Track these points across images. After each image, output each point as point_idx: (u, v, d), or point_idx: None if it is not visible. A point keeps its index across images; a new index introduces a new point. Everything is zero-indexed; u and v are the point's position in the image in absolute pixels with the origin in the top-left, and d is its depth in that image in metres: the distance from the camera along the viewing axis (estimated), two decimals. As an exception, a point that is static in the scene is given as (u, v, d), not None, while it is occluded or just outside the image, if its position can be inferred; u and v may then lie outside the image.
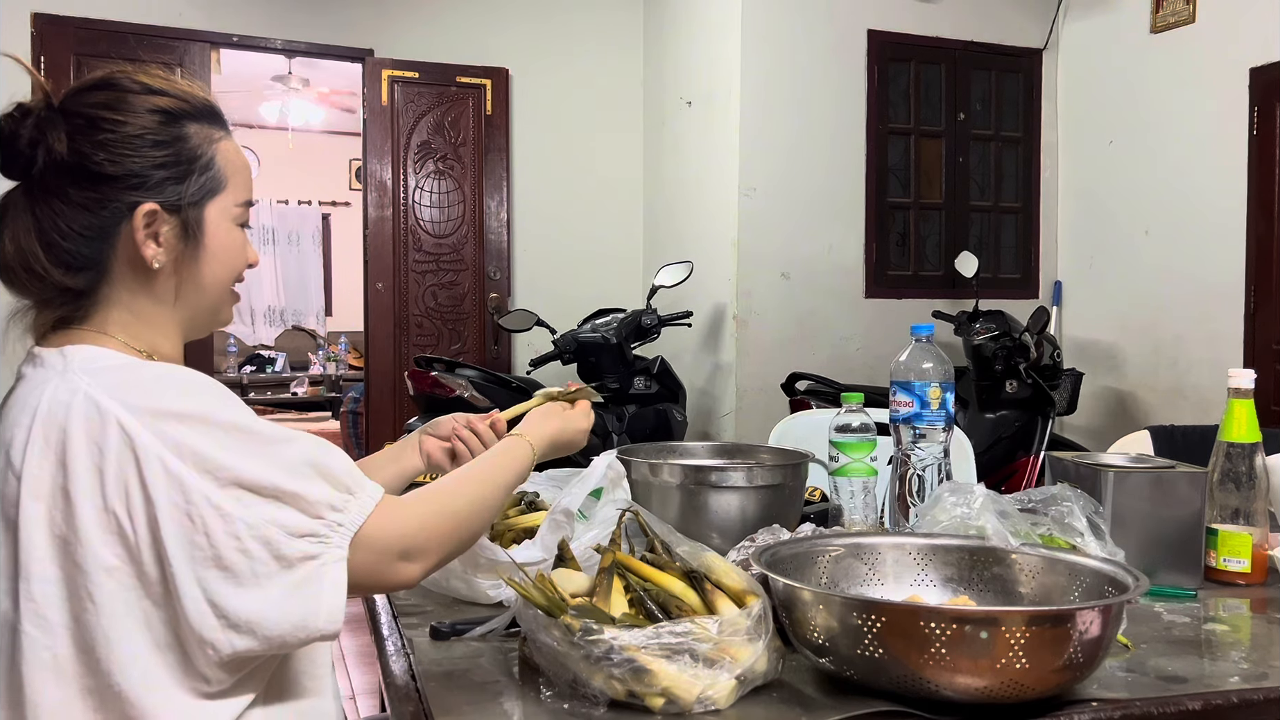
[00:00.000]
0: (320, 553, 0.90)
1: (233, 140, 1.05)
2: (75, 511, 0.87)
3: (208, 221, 1.01)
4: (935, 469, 1.43)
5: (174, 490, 0.86)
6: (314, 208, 9.18)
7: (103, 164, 0.95)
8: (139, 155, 0.96)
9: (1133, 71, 4.47)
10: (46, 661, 0.88)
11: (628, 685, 0.90)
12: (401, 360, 4.84)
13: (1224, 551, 1.38)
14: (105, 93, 0.98)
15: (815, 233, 4.45)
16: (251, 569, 0.87)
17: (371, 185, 4.88)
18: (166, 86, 1.00)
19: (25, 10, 4.29)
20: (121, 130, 0.96)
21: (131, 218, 0.96)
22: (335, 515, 0.92)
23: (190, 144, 0.99)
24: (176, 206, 0.98)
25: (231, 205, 1.03)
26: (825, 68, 4.46)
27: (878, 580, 1.13)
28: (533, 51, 5.06)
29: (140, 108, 0.97)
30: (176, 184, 0.98)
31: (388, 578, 0.96)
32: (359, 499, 0.94)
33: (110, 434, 0.87)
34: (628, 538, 1.10)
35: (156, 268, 0.98)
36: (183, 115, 0.99)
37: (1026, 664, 0.87)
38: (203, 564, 0.86)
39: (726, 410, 4.40)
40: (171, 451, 0.87)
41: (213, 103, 1.04)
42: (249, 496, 0.88)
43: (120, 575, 0.87)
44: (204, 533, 0.86)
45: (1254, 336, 3.98)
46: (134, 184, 0.96)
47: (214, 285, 1.04)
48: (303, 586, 0.89)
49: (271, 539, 0.88)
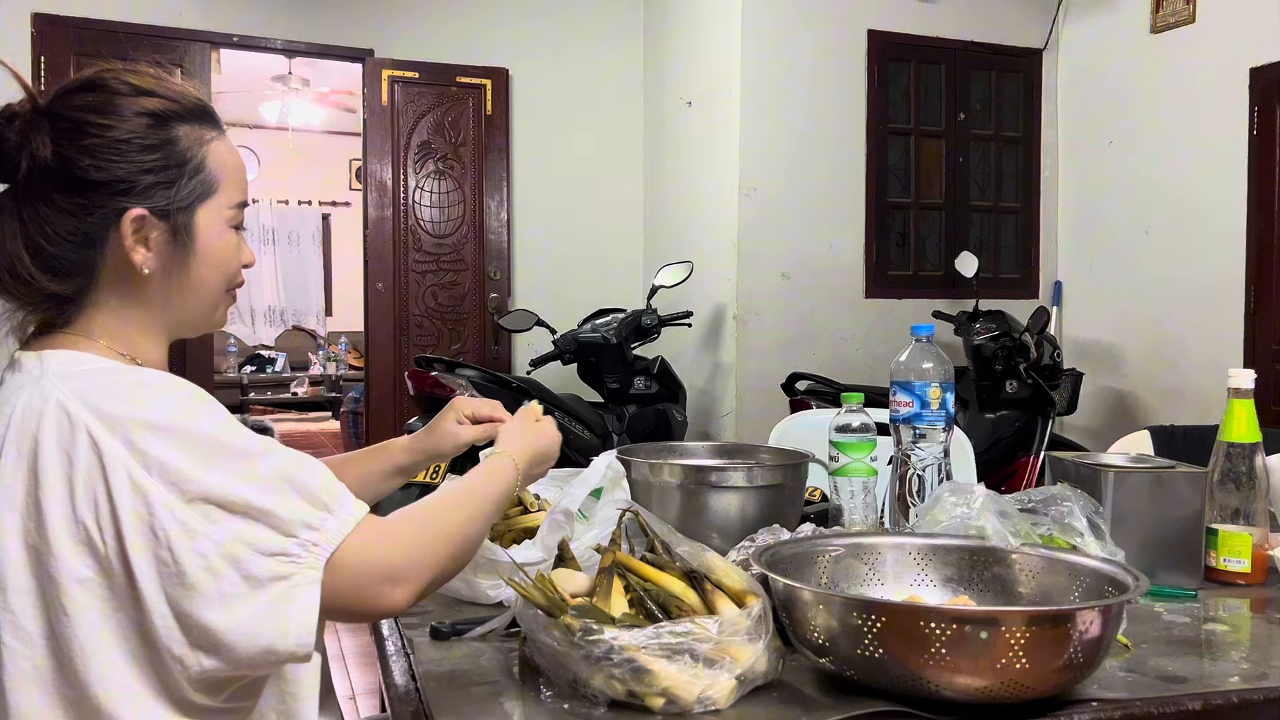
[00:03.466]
0: (291, 573, 0.86)
1: (226, 140, 1.02)
2: (46, 522, 0.85)
3: (199, 225, 0.98)
4: (935, 469, 1.43)
5: (139, 502, 0.84)
6: (314, 208, 9.19)
7: (88, 170, 0.93)
8: (126, 160, 0.94)
9: (1133, 72, 4.47)
10: (28, 672, 0.86)
11: (628, 685, 0.90)
12: (402, 360, 4.84)
13: (1224, 551, 1.38)
14: (92, 95, 0.95)
15: (815, 233, 4.45)
16: (218, 588, 0.84)
17: (371, 185, 4.88)
18: (156, 87, 0.98)
19: (25, 10, 4.29)
20: (108, 135, 0.94)
21: (119, 224, 0.94)
22: (309, 534, 0.87)
23: (179, 147, 0.97)
24: (166, 211, 0.96)
25: (224, 207, 1.00)
26: (825, 68, 4.46)
27: (878, 580, 1.13)
28: (533, 51, 5.06)
29: (128, 110, 0.95)
30: (166, 189, 0.95)
31: (371, 603, 0.90)
32: (337, 517, 0.89)
33: (80, 443, 0.85)
34: (628, 538, 1.10)
35: (146, 273, 0.96)
36: (172, 117, 0.97)
37: (1026, 664, 0.87)
38: (168, 580, 0.84)
39: (726, 410, 4.40)
40: (139, 462, 0.84)
41: (204, 102, 1.02)
42: (217, 512, 0.85)
43: (93, 587, 0.85)
44: (168, 548, 0.84)
45: (1254, 336, 3.98)
46: (121, 189, 0.94)
47: (206, 289, 1.01)
48: (272, 608, 0.85)
49: (240, 558, 0.84)
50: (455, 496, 1.03)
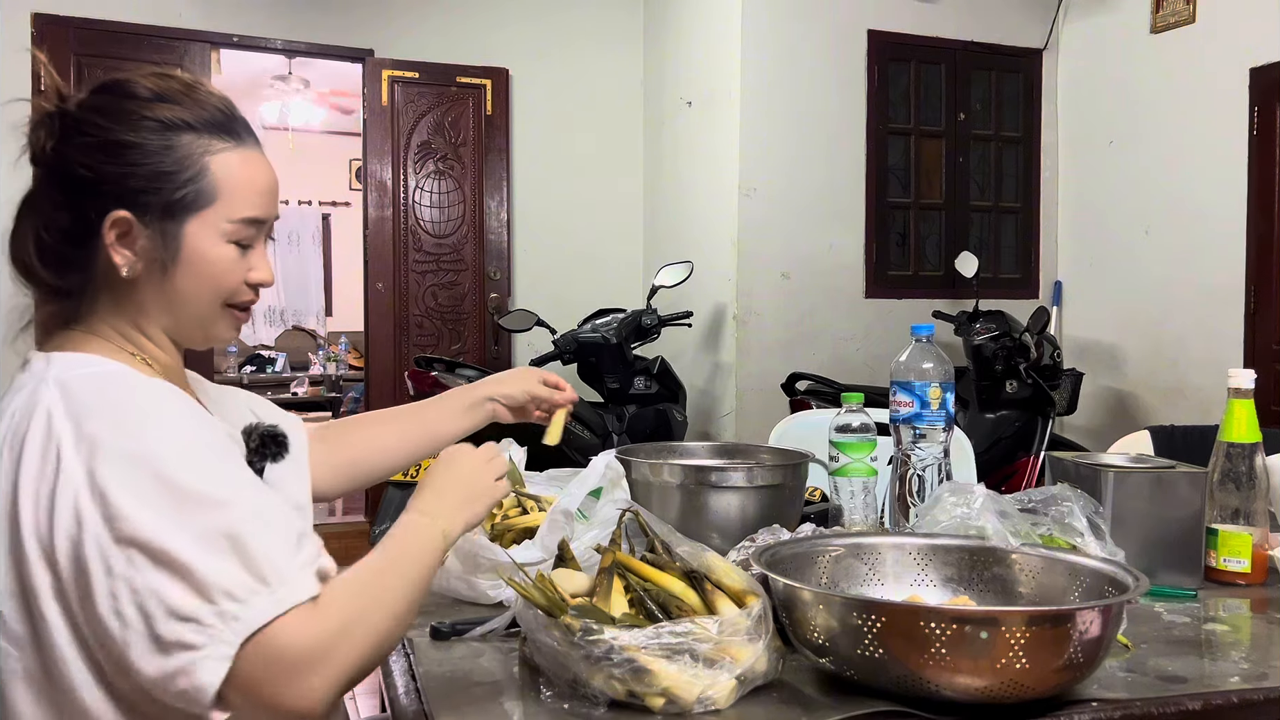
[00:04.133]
0: (200, 645, 0.79)
1: (242, 152, 1.00)
2: (21, 526, 0.85)
3: (187, 235, 0.96)
4: (935, 469, 1.43)
5: (73, 525, 0.83)
6: (314, 208, 9.18)
7: (78, 168, 0.94)
8: (115, 163, 0.94)
9: (1133, 72, 4.47)
10: (20, 674, 0.87)
11: (628, 685, 0.90)
12: (401, 360, 4.84)
13: (1224, 551, 1.38)
14: (106, 96, 0.97)
15: (815, 233, 4.44)
16: (123, 634, 0.80)
17: (371, 185, 4.88)
18: (180, 96, 0.98)
19: (25, 10, 4.28)
20: (103, 136, 0.94)
21: (103, 224, 0.94)
22: (230, 604, 0.80)
23: (176, 155, 0.95)
24: (151, 217, 0.95)
25: (222, 220, 0.97)
26: (825, 68, 4.46)
27: (878, 580, 1.13)
28: (533, 51, 5.06)
29: (135, 115, 0.95)
30: (152, 195, 0.95)
31: (281, 699, 0.80)
32: (272, 594, 0.81)
33: (50, 454, 0.85)
34: (628, 538, 1.10)
35: (127, 276, 0.96)
36: (180, 127, 0.96)
37: (1026, 664, 0.87)
38: (84, 604, 0.83)
39: (726, 410, 4.40)
40: (88, 488, 0.83)
41: (226, 113, 1.01)
42: (140, 558, 0.80)
43: (58, 595, 0.85)
44: (85, 577, 0.82)
45: (1254, 336, 3.98)
46: (106, 191, 0.94)
47: (193, 300, 0.99)
48: (170, 679, 0.80)
49: (150, 613, 0.80)
50: (388, 583, 0.90)
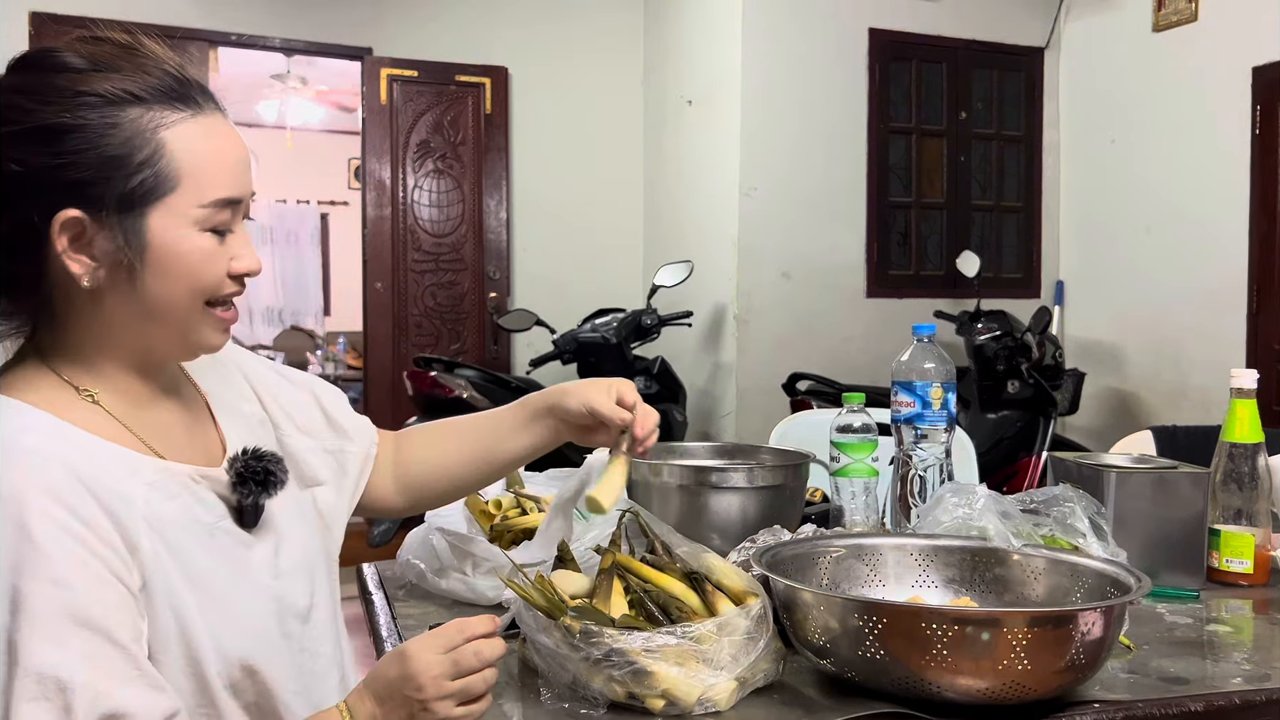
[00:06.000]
0: None
1: (202, 121, 0.84)
2: None
3: (152, 229, 0.81)
4: (937, 469, 1.42)
5: None
6: (312, 207, 9.18)
7: (7, 164, 0.78)
8: (51, 152, 0.78)
9: (1135, 70, 4.46)
10: None
11: (628, 687, 0.90)
12: (400, 360, 4.84)
13: (1226, 552, 1.37)
14: (30, 73, 0.81)
15: (816, 232, 4.44)
16: None
17: (370, 184, 4.88)
18: (119, 63, 0.82)
19: (23, 9, 4.28)
20: (32, 121, 0.79)
21: (50, 227, 0.79)
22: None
23: (124, 134, 0.80)
24: (107, 213, 0.80)
25: (190, 206, 0.82)
26: (826, 67, 4.45)
27: (879, 581, 1.13)
28: (533, 51, 5.05)
29: (68, 91, 0.79)
30: (102, 186, 0.79)
31: None
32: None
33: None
34: (628, 539, 1.10)
35: (89, 286, 0.81)
36: (125, 99, 0.81)
37: (1028, 665, 0.87)
38: None
39: (727, 410, 4.39)
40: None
41: (177, 75, 0.84)
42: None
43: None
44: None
45: (1256, 336, 3.98)
46: (47, 188, 0.79)
47: (170, 304, 0.84)
48: None
49: None
50: None
